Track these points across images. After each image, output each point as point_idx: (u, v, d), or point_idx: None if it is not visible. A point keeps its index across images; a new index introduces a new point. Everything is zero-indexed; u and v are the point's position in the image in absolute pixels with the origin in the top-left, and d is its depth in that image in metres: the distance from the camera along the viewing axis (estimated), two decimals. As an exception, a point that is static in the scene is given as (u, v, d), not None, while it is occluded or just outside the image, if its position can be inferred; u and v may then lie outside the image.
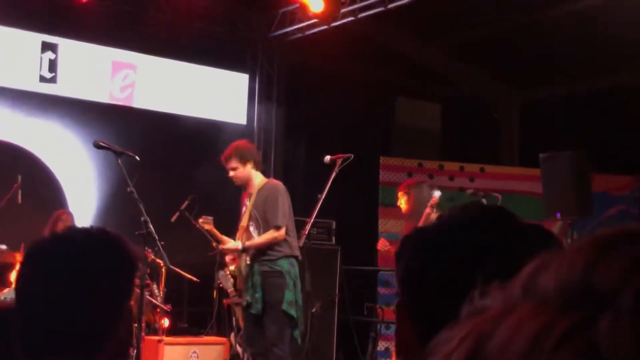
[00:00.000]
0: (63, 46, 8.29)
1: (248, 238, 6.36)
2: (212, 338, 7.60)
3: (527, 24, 9.05)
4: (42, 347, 1.52)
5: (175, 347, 7.14)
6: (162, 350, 7.00)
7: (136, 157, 5.41)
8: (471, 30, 9.55)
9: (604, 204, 9.05)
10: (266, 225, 6.25)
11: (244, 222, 6.43)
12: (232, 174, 6.32)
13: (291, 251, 6.28)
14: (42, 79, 8.17)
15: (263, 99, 9.66)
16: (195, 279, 7.49)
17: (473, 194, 7.35)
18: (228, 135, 8.44)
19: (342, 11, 8.53)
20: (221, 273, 6.68)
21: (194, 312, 8.30)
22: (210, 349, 7.34)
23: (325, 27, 8.73)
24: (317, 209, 6.31)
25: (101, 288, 1.54)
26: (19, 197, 7.20)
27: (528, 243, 1.16)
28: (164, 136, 8.80)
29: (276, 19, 9.31)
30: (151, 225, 5.20)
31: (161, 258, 6.19)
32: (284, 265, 6.23)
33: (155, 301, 7.26)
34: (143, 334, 6.14)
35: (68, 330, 1.51)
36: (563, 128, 9.86)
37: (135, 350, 5.37)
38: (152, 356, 6.94)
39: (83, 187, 8.49)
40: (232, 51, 9.45)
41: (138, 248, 1.99)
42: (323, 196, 6.27)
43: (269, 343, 6.15)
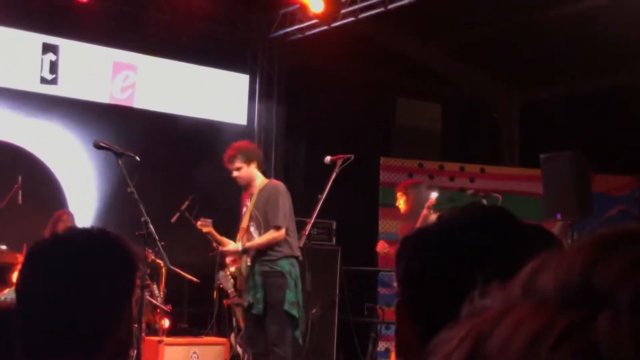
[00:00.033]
0: (64, 47, 8.29)
1: (249, 239, 6.35)
2: (212, 338, 7.60)
3: (527, 24, 9.04)
4: (43, 348, 1.52)
5: (175, 348, 7.14)
6: (162, 350, 7.00)
7: (136, 158, 5.41)
8: (471, 30, 9.55)
9: (604, 205, 9.05)
10: (267, 225, 6.25)
11: (245, 224, 6.43)
12: (237, 174, 6.31)
13: (291, 251, 6.27)
14: (43, 81, 8.17)
15: (263, 100, 9.66)
16: (195, 280, 7.48)
17: (473, 195, 7.35)
18: (228, 135, 8.44)
19: (343, 12, 8.52)
20: (221, 273, 6.68)
21: (194, 313, 8.30)
22: (210, 350, 7.34)
23: (325, 28, 8.73)
24: (318, 210, 6.30)
25: (101, 288, 1.54)
26: (20, 198, 7.20)
27: (528, 243, 1.16)
28: (164, 136, 8.80)
29: (276, 20, 9.31)
30: (151, 225, 5.21)
31: (161, 258, 6.19)
32: (285, 265, 6.22)
33: (155, 302, 7.25)
34: (143, 335, 6.13)
35: (68, 330, 1.51)
36: (563, 128, 9.85)
37: (135, 350, 5.37)
38: (152, 356, 6.94)
39: (83, 188, 8.49)
40: (233, 51, 9.44)
41: (138, 248, 1.99)
42: (323, 197, 6.27)
43: (270, 343, 6.15)
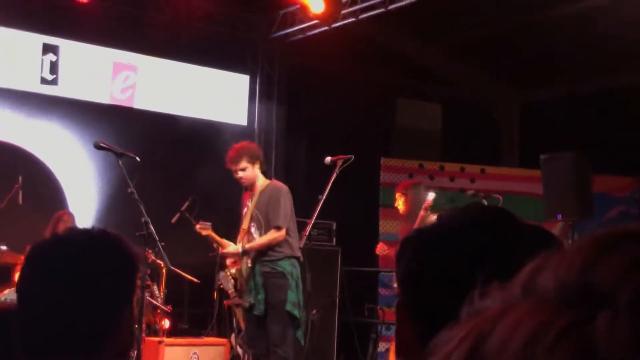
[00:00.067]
0: (64, 47, 8.29)
1: (249, 240, 6.35)
2: (213, 339, 7.60)
3: (527, 24, 9.04)
4: (43, 348, 1.52)
5: (175, 348, 7.14)
6: (163, 351, 7.00)
7: (137, 158, 5.41)
8: (471, 30, 9.55)
9: (605, 205, 9.05)
10: (268, 226, 6.25)
11: (245, 225, 6.42)
12: (241, 175, 6.29)
13: (292, 252, 6.27)
14: (43, 81, 8.17)
15: (263, 100, 9.66)
16: (195, 280, 7.48)
17: (474, 195, 7.36)
18: (228, 136, 8.44)
19: (343, 12, 8.52)
20: (222, 274, 6.68)
21: (195, 313, 8.29)
22: (210, 350, 7.33)
23: (325, 28, 8.73)
24: (318, 210, 6.30)
25: (102, 289, 1.54)
26: (20, 198, 7.20)
27: (528, 244, 1.16)
28: (165, 137, 8.80)
29: (277, 20, 9.31)
30: (152, 226, 5.21)
31: (162, 259, 6.19)
32: (286, 266, 6.22)
33: (155, 302, 7.25)
34: (143, 335, 6.14)
35: (69, 331, 1.51)
36: (563, 128, 9.85)
37: (135, 351, 5.37)
38: (153, 357, 6.94)
39: (83, 188, 8.49)
40: (233, 52, 9.44)
41: (139, 249, 1.99)
42: (324, 197, 6.26)
43: (272, 344, 6.15)
